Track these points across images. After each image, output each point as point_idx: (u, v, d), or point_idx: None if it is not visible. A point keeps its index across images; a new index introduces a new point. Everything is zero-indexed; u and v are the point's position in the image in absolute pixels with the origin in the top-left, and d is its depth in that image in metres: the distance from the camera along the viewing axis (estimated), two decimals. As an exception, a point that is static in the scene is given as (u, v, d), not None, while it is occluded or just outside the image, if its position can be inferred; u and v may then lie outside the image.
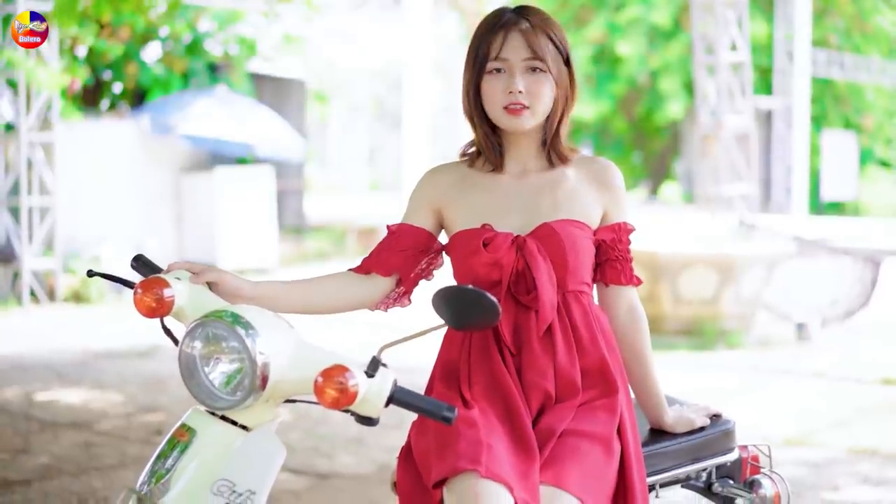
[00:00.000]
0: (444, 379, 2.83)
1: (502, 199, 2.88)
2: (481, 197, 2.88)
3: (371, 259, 2.90)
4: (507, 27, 2.82)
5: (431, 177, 2.96)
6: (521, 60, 2.80)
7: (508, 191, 2.89)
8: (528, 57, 2.79)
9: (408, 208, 2.95)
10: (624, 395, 2.82)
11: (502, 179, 2.91)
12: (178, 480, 2.37)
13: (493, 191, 2.89)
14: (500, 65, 2.81)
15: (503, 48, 2.80)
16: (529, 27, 2.80)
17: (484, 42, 2.83)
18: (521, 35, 2.80)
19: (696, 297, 9.93)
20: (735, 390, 8.38)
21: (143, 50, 15.94)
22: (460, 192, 2.89)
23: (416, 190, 2.96)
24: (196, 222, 15.03)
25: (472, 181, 2.92)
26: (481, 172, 2.93)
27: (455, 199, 2.89)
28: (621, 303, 2.96)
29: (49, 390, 8.13)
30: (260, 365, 2.35)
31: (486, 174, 2.92)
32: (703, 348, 9.75)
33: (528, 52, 2.79)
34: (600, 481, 2.66)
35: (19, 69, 12.29)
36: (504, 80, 2.80)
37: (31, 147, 12.65)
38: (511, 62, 2.80)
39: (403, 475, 2.74)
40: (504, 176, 2.91)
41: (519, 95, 2.79)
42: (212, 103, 15.05)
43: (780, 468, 6.16)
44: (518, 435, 2.67)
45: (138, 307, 2.51)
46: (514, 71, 2.80)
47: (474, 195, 2.88)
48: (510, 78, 2.80)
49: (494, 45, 2.81)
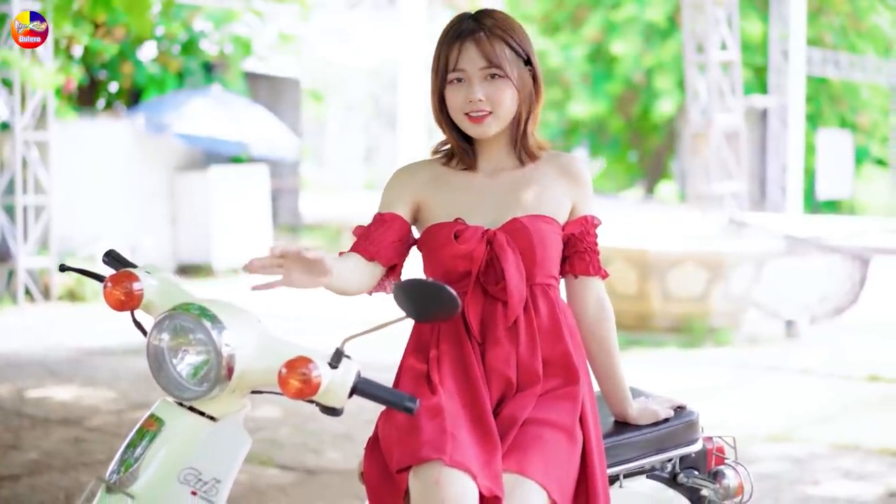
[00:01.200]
0: (415, 360, 2.89)
1: (475, 196, 2.95)
2: (455, 194, 2.96)
3: (371, 246, 2.91)
4: (462, 37, 2.89)
5: (408, 173, 3.02)
6: (478, 70, 2.87)
7: (481, 188, 2.96)
8: (484, 66, 2.87)
9: (387, 200, 2.99)
10: (586, 385, 2.89)
11: (475, 177, 2.99)
12: (147, 469, 2.44)
13: (466, 188, 2.96)
14: (459, 75, 2.89)
15: (459, 59, 2.88)
16: (484, 35, 2.88)
17: (443, 53, 2.91)
18: (475, 45, 2.87)
19: (686, 295, 9.99)
20: (722, 387, 8.44)
21: (139, 49, 15.99)
22: (436, 189, 2.96)
23: (393, 185, 3.01)
24: (191, 221, 15.08)
25: (447, 179, 2.99)
26: (455, 171, 3.01)
27: (431, 196, 2.96)
28: (589, 294, 3.03)
29: (41, 387, 8.19)
30: (225, 356, 2.41)
31: (459, 172, 3.00)
32: (691, 346, 9.81)
33: (484, 61, 2.87)
34: (563, 469, 2.72)
35: (14, 68, 12.34)
36: (464, 90, 2.88)
37: (26, 146, 12.70)
38: (468, 72, 2.88)
39: (370, 465, 2.81)
40: (477, 174, 2.99)
41: (479, 103, 2.87)
42: (206, 102, 15.09)
43: (763, 463, 6.27)
44: (481, 423, 2.73)
45: (108, 300, 2.57)
46: (472, 80, 2.88)
47: (448, 192, 2.96)
48: (469, 87, 2.88)
49: (452, 56, 2.89)
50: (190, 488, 2.42)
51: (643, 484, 3.09)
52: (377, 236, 2.93)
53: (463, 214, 2.92)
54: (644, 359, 9.43)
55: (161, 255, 14.87)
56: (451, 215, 2.92)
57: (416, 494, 2.60)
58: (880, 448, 6.61)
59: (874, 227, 15.01)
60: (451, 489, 2.56)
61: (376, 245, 2.91)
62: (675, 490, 3.13)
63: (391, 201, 2.98)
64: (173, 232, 15.17)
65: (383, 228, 2.93)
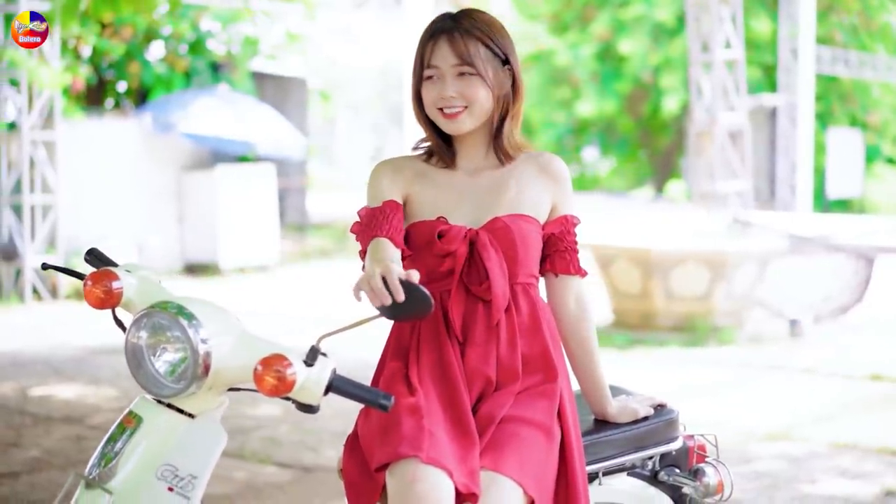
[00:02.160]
0: (395, 359, 2.90)
1: (456, 195, 2.97)
2: (437, 192, 2.97)
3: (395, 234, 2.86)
4: (437, 35, 2.92)
5: (393, 168, 3.01)
6: (450, 66, 2.90)
7: (462, 187, 2.98)
8: (456, 63, 2.89)
9: (381, 190, 2.95)
10: (564, 381, 2.90)
11: (456, 176, 3.00)
12: (125, 465, 2.46)
13: (447, 186, 2.98)
14: (433, 72, 2.92)
15: (433, 55, 2.91)
16: (459, 34, 2.90)
17: (419, 50, 2.95)
18: (448, 42, 2.90)
19: (689, 294, 9.99)
20: (723, 385, 8.45)
21: (147, 49, 16.06)
22: (420, 186, 2.98)
23: (381, 177, 2.98)
24: (198, 220, 15.13)
25: (429, 176, 3.00)
26: (436, 168, 3.02)
27: (415, 192, 2.97)
28: (569, 293, 3.05)
29: (45, 385, 8.23)
30: (202, 354, 2.43)
31: (440, 170, 3.02)
32: (694, 345, 9.81)
33: (456, 58, 2.89)
34: (540, 466, 2.73)
35: (21, 68, 12.40)
36: (437, 87, 2.91)
37: (34, 145, 12.77)
38: (441, 69, 2.91)
39: (349, 462, 2.83)
40: (458, 172, 3.01)
41: (451, 99, 2.90)
42: (213, 102, 15.15)
43: (760, 462, 6.28)
44: (459, 421, 2.75)
45: (88, 299, 2.59)
46: (445, 77, 2.90)
47: (430, 190, 2.97)
48: (441, 84, 2.90)
49: (426, 53, 2.93)
50: (167, 484, 2.44)
51: (624, 482, 3.10)
52: (397, 224, 2.89)
53: (445, 213, 2.93)
54: (647, 357, 9.44)
55: (168, 254, 14.93)
56: (434, 213, 2.93)
57: (393, 491, 2.62)
58: (879, 447, 6.61)
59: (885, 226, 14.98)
60: (426, 486, 2.57)
61: (400, 234, 2.88)
62: (656, 488, 3.14)
63: (386, 192, 2.95)
64: (180, 231, 15.22)
65: (392, 215, 2.89)
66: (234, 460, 6.27)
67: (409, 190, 2.97)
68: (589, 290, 3.09)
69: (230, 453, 6.41)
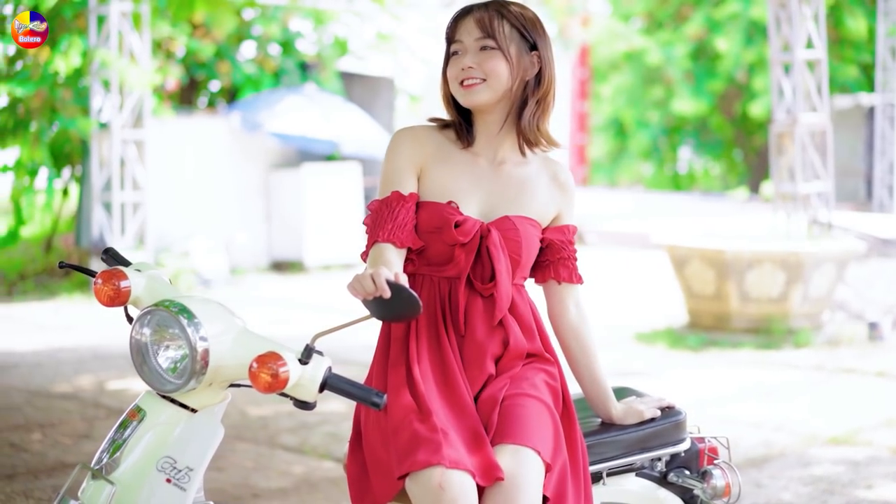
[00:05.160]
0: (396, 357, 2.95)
1: (472, 182, 3.01)
2: (454, 174, 3.00)
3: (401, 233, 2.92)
4: (464, 14, 3.01)
5: (414, 139, 3.02)
6: (473, 41, 2.98)
7: (480, 175, 3.02)
8: (479, 37, 2.97)
9: (396, 171, 2.98)
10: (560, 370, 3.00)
11: (478, 161, 3.04)
12: (128, 457, 2.58)
13: (465, 171, 3.01)
14: (457, 47, 3.00)
15: (457, 31, 3.00)
16: (485, 11, 2.98)
17: (447, 30, 3.03)
18: (473, 18, 2.99)
19: (764, 296, 9.89)
20: (793, 388, 8.36)
21: (237, 50, 16.33)
22: (438, 163, 3.01)
23: (401, 152, 3.00)
24: (284, 218, 15.34)
25: (450, 155, 3.03)
26: (457, 147, 3.05)
27: (432, 168, 3.00)
28: (571, 300, 3.13)
29: (122, 379, 8.44)
30: (200, 351, 2.54)
31: (462, 151, 3.05)
32: (769, 347, 9.71)
33: (479, 32, 2.97)
34: (545, 430, 2.82)
35: (112, 69, 12.71)
36: (459, 60, 2.98)
37: (124, 144, 13.06)
38: (465, 43, 2.98)
39: (352, 460, 2.91)
40: (480, 158, 3.04)
41: (470, 70, 2.96)
42: (300, 101, 15.34)
43: (819, 466, 6.23)
44: (463, 414, 2.83)
45: (98, 296, 2.73)
46: (467, 51, 2.98)
47: (448, 170, 3.00)
48: (463, 57, 2.98)
49: (452, 30, 3.01)
50: (165, 476, 2.56)
51: (633, 482, 3.14)
52: (404, 219, 2.93)
53: (456, 198, 2.98)
54: (720, 359, 9.37)
55: (255, 252, 15.17)
56: (445, 195, 2.97)
57: (420, 500, 2.68)
58: (944, 453, 6.51)
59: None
60: (454, 492, 2.65)
61: (405, 230, 2.93)
62: (666, 489, 3.17)
63: (400, 174, 2.98)
64: (267, 228, 15.44)
65: (404, 211, 2.94)
66: (293, 454, 6.40)
67: (425, 164, 3.00)
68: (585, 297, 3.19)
69: (291, 448, 6.54)
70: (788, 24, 10.73)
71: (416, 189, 2.98)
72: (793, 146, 10.82)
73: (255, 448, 6.53)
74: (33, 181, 14.74)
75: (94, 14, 12.86)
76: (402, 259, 2.93)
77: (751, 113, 24.92)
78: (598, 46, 27.80)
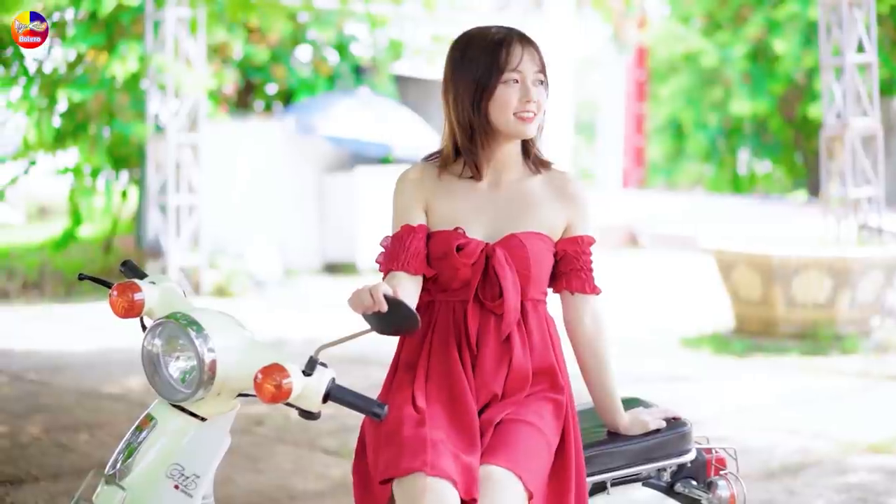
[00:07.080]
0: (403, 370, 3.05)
1: (475, 207, 3.09)
2: (457, 203, 3.09)
3: (414, 261, 3.03)
4: (521, 41, 3.06)
5: (417, 179, 3.13)
6: (533, 73, 3.05)
7: (482, 199, 3.10)
8: (538, 70, 3.06)
9: (403, 209, 3.10)
10: (569, 400, 3.02)
11: (478, 187, 3.12)
12: (139, 463, 2.69)
13: (468, 198, 3.10)
14: (517, 76, 3.04)
15: (522, 61, 3.04)
16: (533, 44, 3.08)
17: (499, 53, 3.03)
18: (533, 50, 3.07)
19: (811, 301, 9.85)
20: (837, 394, 8.33)
21: (292, 54, 16.50)
22: (440, 196, 3.10)
23: (404, 192, 3.12)
24: (337, 221, 15.48)
25: (451, 186, 3.12)
26: (455, 178, 3.13)
27: (436, 201, 3.10)
28: (586, 311, 3.15)
29: (171, 380, 8.57)
30: (208, 362, 2.64)
31: (461, 180, 3.13)
32: (816, 353, 9.66)
33: (538, 66, 3.06)
34: (537, 462, 2.87)
35: (168, 73, 12.92)
36: (520, 90, 3.03)
37: (179, 147, 13.26)
38: (525, 74, 3.04)
39: (357, 467, 2.99)
40: (479, 184, 3.12)
41: (532, 105, 3.03)
42: (353, 104, 15.49)
43: (855, 474, 6.22)
44: (464, 428, 2.89)
45: (113, 308, 2.83)
46: (527, 82, 3.04)
47: (451, 200, 3.09)
48: (525, 88, 3.04)
49: (513, 57, 3.03)
50: (174, 482, 2.66)
51: (639, 492, 3.20)
52: (416, 248, 3.04)
53: (463, 223, 3.06)
54: (766, 365, 9.35)
55: (308, 254, 15.33)
56: (452, 223, 3.06)
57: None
58: (984, 463, 6.48)
59: None
60: (433, 497, 2.71)
61: (418, 258, 3.04)
62: (673, 499, 3.22)
63: (411, 209, 3.10)
64: (320, 231, 15.59)
65: (415, 241, 3.05)
66: (332, 457, 6.49)
67: (431, 200, 3.09)
68: (603, 308, 3.20)
69: (330, 451, 6.64)
70: (839, 28, 10.66)
71: (425, 221, 3.08)
72: (843, 151, 10.75)
73: (295, 450, 6.64)
74: (94, 183, 15.00)
75: (151, 20, 13.09)
76: (418, 286, 3.02)
77: (810, 115, 24.69)
78: (656, 48, 27.70)
